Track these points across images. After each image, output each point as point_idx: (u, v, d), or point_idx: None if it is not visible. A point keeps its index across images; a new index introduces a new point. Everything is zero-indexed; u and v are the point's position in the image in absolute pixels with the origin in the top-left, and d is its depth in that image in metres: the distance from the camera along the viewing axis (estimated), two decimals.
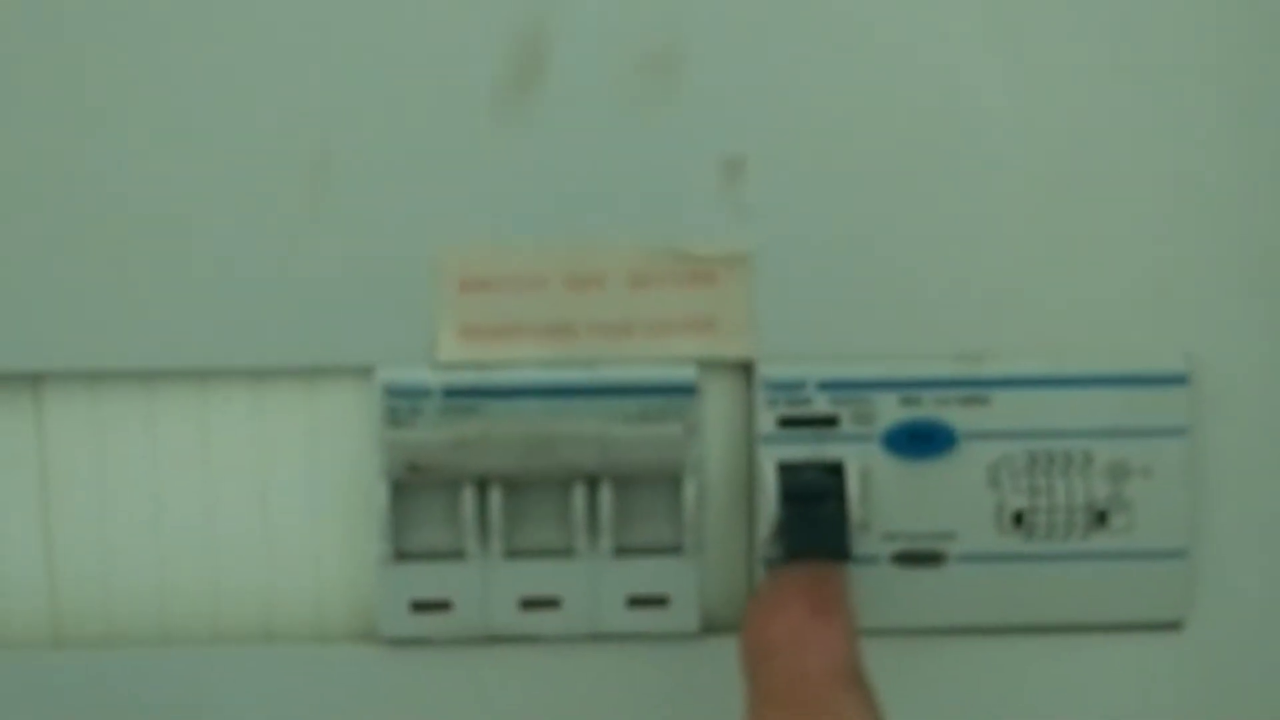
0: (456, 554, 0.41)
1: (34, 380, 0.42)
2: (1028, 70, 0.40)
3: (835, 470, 0.41)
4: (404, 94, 0.40)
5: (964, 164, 0.40)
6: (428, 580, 0.42)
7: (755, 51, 0.40)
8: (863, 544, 0.41)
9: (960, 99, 0.40)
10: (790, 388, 0.41)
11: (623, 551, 0.42)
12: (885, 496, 0.41)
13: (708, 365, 0.41)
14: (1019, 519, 0.41)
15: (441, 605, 0.42)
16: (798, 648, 0.35)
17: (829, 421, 0.41)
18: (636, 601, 0.42)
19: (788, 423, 0.41)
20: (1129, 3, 0.40)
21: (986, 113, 0.40)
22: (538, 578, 0.42)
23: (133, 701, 0.42)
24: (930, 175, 0.40)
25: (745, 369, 0.41)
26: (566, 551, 0.42)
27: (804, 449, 0.41)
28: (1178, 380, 0.41)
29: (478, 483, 0.41)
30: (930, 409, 0.41)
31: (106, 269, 0.40)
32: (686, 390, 0.41)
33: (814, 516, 0.40)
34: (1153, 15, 0.40)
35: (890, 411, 0.41)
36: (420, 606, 0.42)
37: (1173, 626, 0.42)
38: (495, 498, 0.41)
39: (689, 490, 0.41)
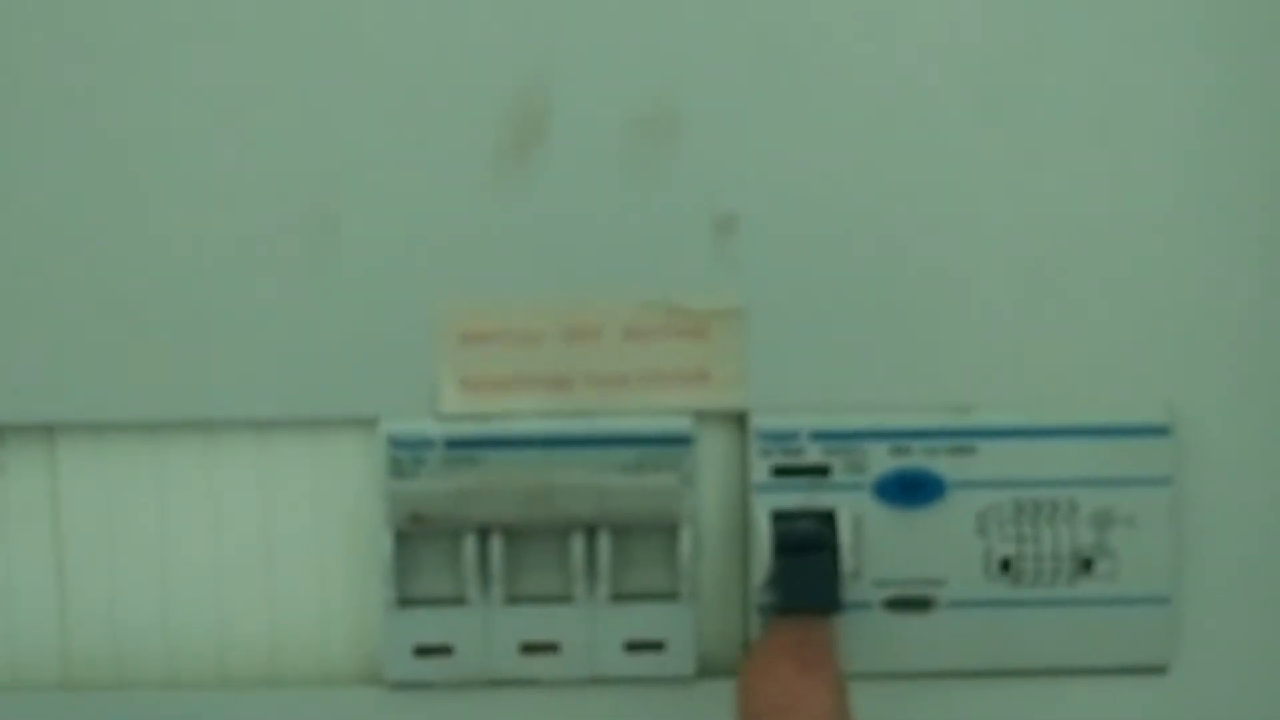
0: (458, 600, 0.42)
1: (47, 431, 0.42)
2: (1013, 134, 0.41)
3: (828, 518, 0.41)
4: (407, 153, 0.41)
5: (950, 222, 0.41)
6: (430, 626, 0.42)
7: (747, 113, 0.41)
8: (854, 590, 0.42)
9: (947, 160, 0.41)
10: (783, 438, 0.41)
11: (620, 598, 0.42)
12: (876, 544, 0.42)
13: (702, 416, 0.42)
14: (1006, 566, 0.42)
15: (444, 650, 0.42)
16: (786, 708, 0.36)
17: (821, 471, 0.41)
18: (634, 646, 0.42)
19: (781, 472, 0.41)
20: (1110, 71, 0.41)
21: (972, 173, 0.41)
22: (537, 623, 0.42)
23: None
24: (918, 233, 0.41)
25: (739, 419, 0.42)
26: (565, 598, 0.42)
27: (797, 497, 0.41)
28: (1160, 431, 0.42)
29: (479, 531, 0.41)
30: (920, 459, 0.41)
31: (117, 324, 0.41)
32: (682, 441, 0.41)
33: (806, 568, 0.40)
34: (1133, 80, 0.41)
35: (881, 461, 0.41)
36: (423, 651, 0.42)
37: (1157, 670, 0.43)
38: (496, 546, 0.41)
39: (685, 538, 0.42)
